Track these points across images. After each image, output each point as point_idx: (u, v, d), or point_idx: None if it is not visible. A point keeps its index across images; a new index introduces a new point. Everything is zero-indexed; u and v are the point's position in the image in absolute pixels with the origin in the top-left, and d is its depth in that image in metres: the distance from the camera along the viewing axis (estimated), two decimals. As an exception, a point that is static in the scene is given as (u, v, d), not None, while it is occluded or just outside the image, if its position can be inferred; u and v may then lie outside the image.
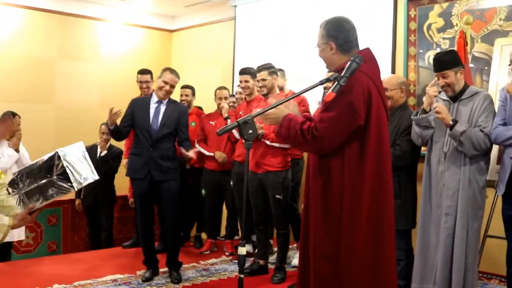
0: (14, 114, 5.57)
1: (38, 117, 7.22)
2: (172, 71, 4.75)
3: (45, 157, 2.50)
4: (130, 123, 4.76)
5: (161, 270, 4.92)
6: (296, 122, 2.68)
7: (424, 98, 3.83)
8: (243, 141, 2.31)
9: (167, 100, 4.75)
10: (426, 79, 5.40)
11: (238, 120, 2.25)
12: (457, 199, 3.58)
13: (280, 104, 2.66)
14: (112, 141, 6.44)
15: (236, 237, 6.06)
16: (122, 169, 6.09)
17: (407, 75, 5.52)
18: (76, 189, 2.52)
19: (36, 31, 7.34)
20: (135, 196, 4.86)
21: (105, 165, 6.29)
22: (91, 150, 6.39)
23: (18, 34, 7.20)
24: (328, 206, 2.65)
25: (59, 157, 2.50)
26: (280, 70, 5.44)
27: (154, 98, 4.75)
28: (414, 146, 3.90)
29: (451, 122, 3.54)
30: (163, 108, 4.71)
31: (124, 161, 6.01)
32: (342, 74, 2.47)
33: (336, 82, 2.45)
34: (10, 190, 2.52)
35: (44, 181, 2.52)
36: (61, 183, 2.50)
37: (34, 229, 6.47)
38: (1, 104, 6.25)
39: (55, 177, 2.50)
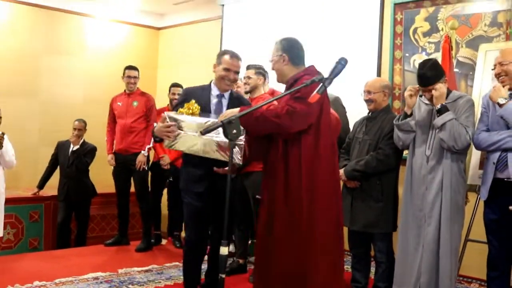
0: None
1: (22, 112, 7.15)
2: (232, 54, 3.72)
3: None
4: None
5: (144, 268, 4.89)
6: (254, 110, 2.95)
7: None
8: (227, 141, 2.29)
9: (229, 93, 3.77)
10: (411, 82, 5.43)
11: (222, 120, 2.24)
12: (440, 201, 3.60)
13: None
14: (86, 137, 6.50)
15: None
16: (107, 166, 6.10)
17: (392, 79, 5.55)
18: (238, 164, 3.06)
19: (22, 25, 7.27)
20: (189, 211, 3.76)
21: (76, 160, 6.35)
22: (64, 145, 6.47)
23: (3, 28, 7.12)
24: (289, 190, 3.01)
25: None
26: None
27: (215, 90, 3.74)
28: (397, 149, 3.93)
29: (439, 106, 3.55)
30: (225, 103, 3.72)
31: (108, 157, 5.98)
32: (328, 76, 2.50)
33: (321, 84, 2.46)
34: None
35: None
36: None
37: (15, 225, 6.40)
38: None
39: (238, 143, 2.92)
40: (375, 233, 3.99)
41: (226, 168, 3.09)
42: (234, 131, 2.22)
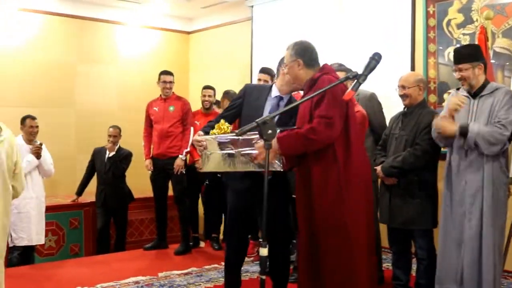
0: (32, 117, 5.65)
1: (58, 121, 7.30)
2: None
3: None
4: (236, 113, 3.69)
5: (183, 271, 4.91)
6: (290, 133, 3.02)
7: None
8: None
9: (288, 96, 3.63)
10: (446, 76, 5.35)
11: (257, 120, 2.23)
12: (481, 196, 3.52)
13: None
14: (122, 143, 6.58)
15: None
16: (143, 171, 6.16)
17: (426, 72, 5.46)
18: (281, 170, 3.08)
19: (56, 36, 7.42)
20: (228, 209, 3.76)
21: (113, 166, 6.45)
22: (100, 151, 6.56)
23: (38, 39, 7.28)
24: (330, 185, 3.02)
25: None
26: None
27: (274, 91, 3.62)
28: (434, 144, 3.84)
29: (457, 133, 3.48)
30: (282, 105, 3.57)
31: (146, 162, 6.04)
32: (362, 73, 2.46)
33: (356, 81, 2.43)
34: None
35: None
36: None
37: (56, 232, 6.52)
38: (22, 108, 6.35)
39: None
40: (415, 230, 3.92)
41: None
42: (270, 131, 2.20)
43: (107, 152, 6.47)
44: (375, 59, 2.51)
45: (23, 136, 5.60)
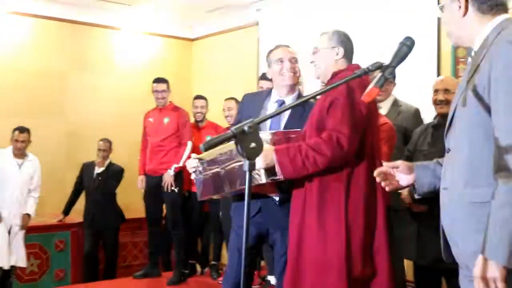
0: (20, 130, 5.30)
1: (48, 133, 6.71)
2: (278, 45, 3.24)
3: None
4: None
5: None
6: (289, 146, 2.54)
7: None
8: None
9: (293, 97, 3.09)
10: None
11: (232, 128, 1.51)
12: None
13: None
14: (118, 158, 6.07)
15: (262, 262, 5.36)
16: (136, 188, 5.61)
17: (455, 81, 4.81)
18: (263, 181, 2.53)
19: (47, 41, 6.89)
20: (232, 249, 3.15)
21: (102, 183, 5.90)
22: (89, 166, 6.02)
23: (28, 44, 6.76)
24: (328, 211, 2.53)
25: None
26: None
27: (274, 96, 3.12)
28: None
29: None
30: (286, 111, 2.96)
31: (139, 178, 5.49)
32: (389, 63, 1.81)
33: (381, 74, 1.77)
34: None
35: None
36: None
37: (40, 255, 5.91)
38: (11, 119, 5.88)
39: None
40: (448, 268, 3.23)
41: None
42: (253, 144, 1.49)
43: (96, 168, 5.89)
44: (407, 45, 1.86)
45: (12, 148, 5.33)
